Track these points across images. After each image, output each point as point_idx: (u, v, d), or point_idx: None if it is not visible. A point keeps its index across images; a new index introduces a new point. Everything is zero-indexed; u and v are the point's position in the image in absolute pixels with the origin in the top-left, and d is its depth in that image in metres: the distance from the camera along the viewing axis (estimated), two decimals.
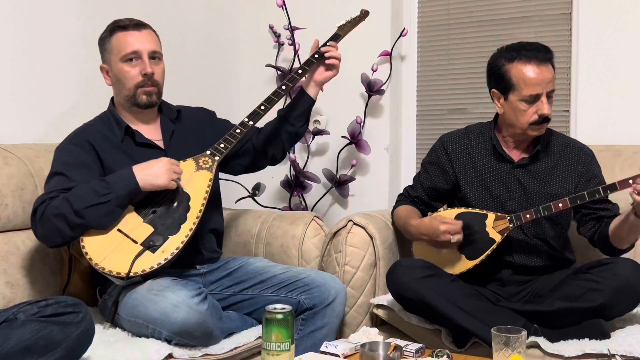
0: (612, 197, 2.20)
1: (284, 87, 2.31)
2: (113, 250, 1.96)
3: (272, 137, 2.39)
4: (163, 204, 2.05)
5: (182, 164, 2.13)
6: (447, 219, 2.20)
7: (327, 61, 2.33)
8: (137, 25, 2.16)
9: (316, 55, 2.33)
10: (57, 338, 1.55)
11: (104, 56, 2.19)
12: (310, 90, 2.36)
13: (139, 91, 2.15)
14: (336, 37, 2.42)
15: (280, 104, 2.39)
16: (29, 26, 2.43)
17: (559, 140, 2.32)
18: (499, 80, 2.21)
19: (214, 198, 2.25)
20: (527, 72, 2.15)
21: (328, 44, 2.36)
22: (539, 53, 2.16)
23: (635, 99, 2.67)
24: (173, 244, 1.99)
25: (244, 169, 2.47)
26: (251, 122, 2.24)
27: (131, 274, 1.92)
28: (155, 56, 2.17)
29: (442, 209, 2.46)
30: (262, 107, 2.27)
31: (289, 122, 2.37)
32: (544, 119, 2.17)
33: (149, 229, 2.00)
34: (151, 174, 2.00)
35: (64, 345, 1.56)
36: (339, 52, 2.35)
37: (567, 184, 2.25)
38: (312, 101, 2.37)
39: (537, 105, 2.16)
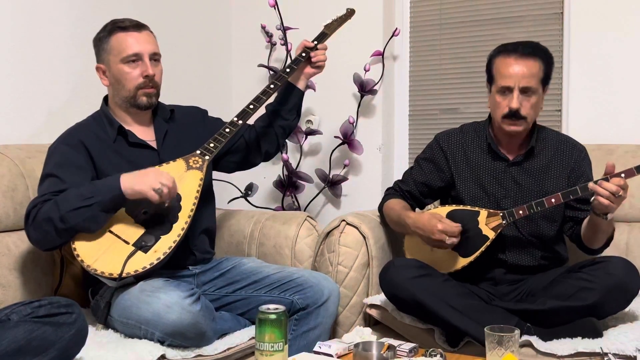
0: None
1: (272, 86, 2.32)
2: (105, 251, 1.95)
3: (265, 133, 2.40)
4: (154, 204, 2.04)
5: (172, 164, 2.12)
6: (445, 219, 2.19)
7: (313, 65, 2.39)
8: (138, 26, 2.15)
9: (304, 54, 2.37)
10: (51, 339, 1.55)
11: (101, 56, 2.16)
12: (299, 84, 2.40)
13: (140, 92, 2.14)
14: (323, 36, 2.44)
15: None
16: (19, 27, 2.42)
17: (553, 137, 2.32)
18: (487, 74, 2.26)
19: (206, 198, 2.24)
20: (503, 64, 2.18)
21: (318, 47, 2.39)
22: (523, 47, 2.18)
23: (627, 98, 2.68)
24: (165, 244, 1.98)
25: (237, 166, 2.46)
26: (240, 121, 2.24)
27: (123, 275, 1.91)
28: (155, 58, 2.17)
29: (431, 206, 2.46)
30: (251, 106, 2.27)
31: (281, 116, 2.39)
32: (514, 114, 2.16)
33: (140, 230, 2.00)
34: (135, 181, 1.97)
35: (57, 346, 1.55)
36: (325, 55, 2.40)
37: (561, 180, 2.26)
38: (302, 93, 2.42)
39: (508, 98, 2.17)
